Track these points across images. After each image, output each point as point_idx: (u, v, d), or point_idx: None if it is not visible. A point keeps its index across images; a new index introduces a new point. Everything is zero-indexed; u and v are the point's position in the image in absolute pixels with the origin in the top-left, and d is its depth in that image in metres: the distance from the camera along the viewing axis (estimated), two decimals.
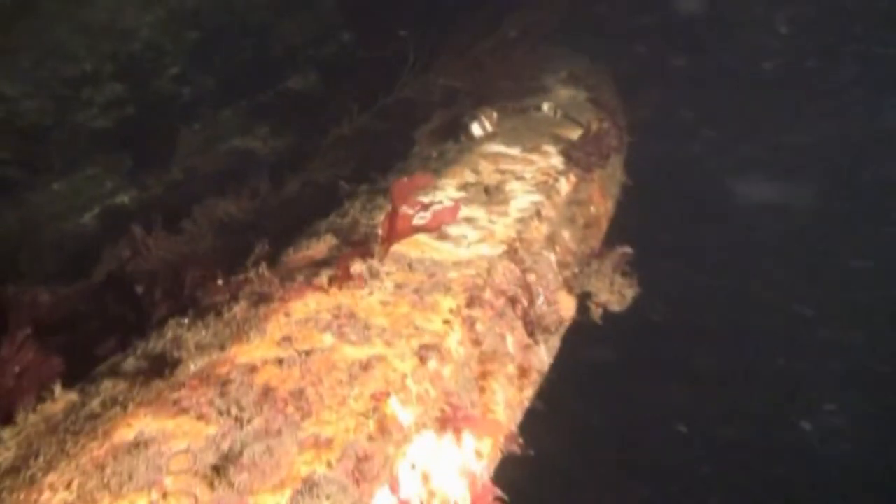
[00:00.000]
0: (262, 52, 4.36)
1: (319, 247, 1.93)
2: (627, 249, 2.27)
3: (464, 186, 2.46)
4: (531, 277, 1.89)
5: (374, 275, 1.68)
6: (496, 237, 2.06)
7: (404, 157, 2.84)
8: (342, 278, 1.63)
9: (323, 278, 1.69)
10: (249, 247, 1.71)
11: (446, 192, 2.42)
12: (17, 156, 3.89)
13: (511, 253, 1.96)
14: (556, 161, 2.76)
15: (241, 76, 4.30)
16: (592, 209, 2.67)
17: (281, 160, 3.96)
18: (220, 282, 1.58)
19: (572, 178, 2.66)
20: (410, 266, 1.79)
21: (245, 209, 3.00)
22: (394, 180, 1.74)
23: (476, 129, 2.91)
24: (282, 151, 4.04)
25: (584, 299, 2.15)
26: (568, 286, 2.10)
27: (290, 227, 2.33)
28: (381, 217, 1.84)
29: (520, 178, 2.58)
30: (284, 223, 2.71)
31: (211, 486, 1.11)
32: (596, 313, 2.15)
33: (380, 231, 1.74)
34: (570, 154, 2.74)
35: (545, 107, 3.24)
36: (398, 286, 1.70)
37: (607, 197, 2.82)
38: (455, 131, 2.93)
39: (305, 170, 3.29)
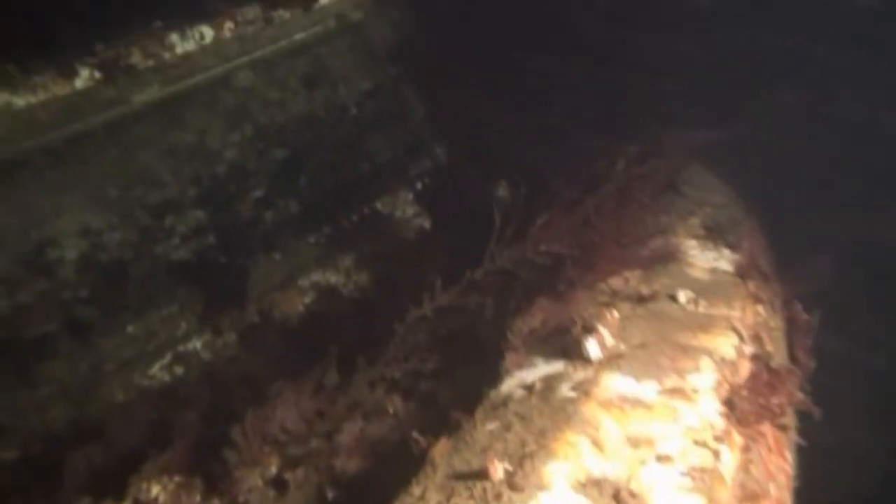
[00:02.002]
0: (349, 171, 3.89)
1: None
2: None
3: (581, 486, 1.68)
4: None
5: None
6: None
7: (496, 382, 2.14)
8: None
9: None
10: None
11: (554, 494, 1.66)
12: (96, 294, 3.71)
13: None
14: (711, 411, 1.91)
15: (325, 198, 3.86)
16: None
17: (362, 305, 3.43)
18: None
19: (737, 446, 1.80)
20: None
21: (306, 413, 2.47)
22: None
23: (593, 350, 2.15)
24: (365, 288, 3.52)
25: None
26: None
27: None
28: None
29: (663, 457, 1.78)
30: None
31: None
32: None
33: None
34: (734, 405, 1.88)
35: (682, 297, 2.40)
36: None
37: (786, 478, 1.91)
38: (564, 347, 2.18)
39: (380, 358, 2.72)
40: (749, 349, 1.88)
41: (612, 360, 2.03)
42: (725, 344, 2.04)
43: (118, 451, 2.58)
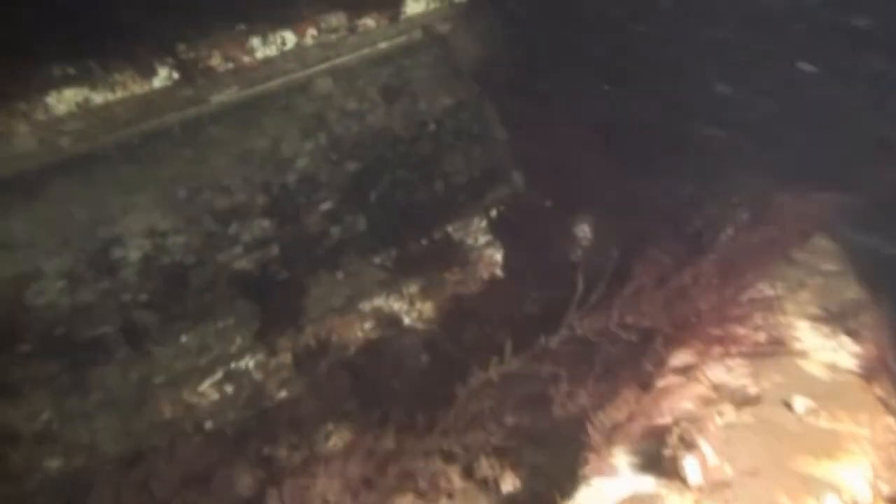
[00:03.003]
0: (422, 190, 3.66)
1: None
2: None
3: None
4: None
5: None
6: None
7: (571, 488, 1.82)
8: None
9: None
10: None
11: None
12: (156, 298, 3.61)
13: None
14: None
15: (394, 217, 3.64)
16: None
17: (425, 340, 3.19)
18: None
19: None
20: None
21: (351, 482, 2.24)
22: None
23: (692, 472, 1.81)
24: (429, 319, 3.27)
25: None
26: None
27: None
28: None
29: None
30: None
31: None
32: None
33: None
34: None
35: (798, 405, 2.02)
36: None
37: None
38: (656, 459, 1.85)
39: (439, 423, 2.46)
40: (886, 488, 1.49)
41: (717, 489, 1.68)
42: (856, 477, 1.65)
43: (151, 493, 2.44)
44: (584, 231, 3.34)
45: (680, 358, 2.15)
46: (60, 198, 3.82)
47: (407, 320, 3.35)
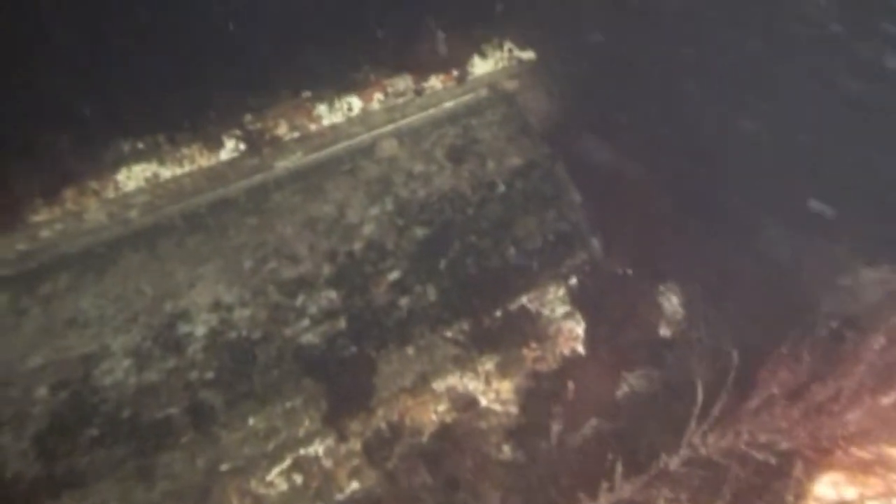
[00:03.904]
0: (494, 257, 3.45)
1: None
2: None
3: None
4: None
5: None
6: None
7: None
8: None
9: None
10: None
11: None
12: (222, 376, 3.49)
13: None
14: None
15: (466, 287, 3.43)
16: None
17: (507, 427, 2.94)
18: None
19: None
20: None
21: None
22: None
23: None
24: (507, 401, 3.03)
25: None
26: None
27: None
28: None
29: None
30: None
31: None
32: None
33: None
34: None
35: None
36: None
37: None
38: None
39: None
40: None
41: None
42: None
43: None
44: (671, 303, 3.07)
45: (828, 489, 1.83)
46: (128, 272, 3.77)
47: (483, 401, 3.11)
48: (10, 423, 3.25)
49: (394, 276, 3.61)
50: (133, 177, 3.49)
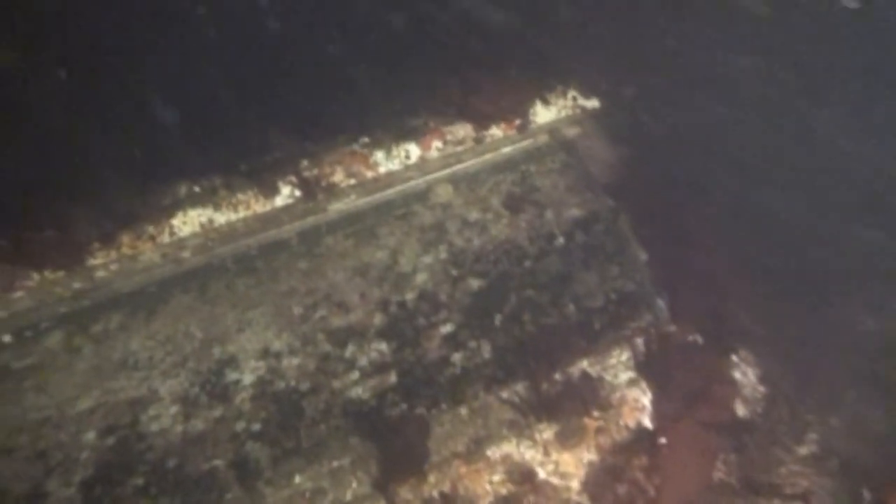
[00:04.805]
0: (552, 314, 3.30)
1: None
2: None
3: None
4: None
5: None
6: None
7: None
8: None
9: None
10: None
11: None
12: (268, 428, 3.39)
13: None
14: None
15: (523, 345, 3.28)
16: None
17: (570, 502, 2.78)
18: None
19: None
20: None
21: None
22: None
23: None
24: (567, 475, 2.86)
25: None
26: None
27: None
28: None
29: None
30: None
31: None
32: None
33: None
34: None
35: None
36: None
37: None
38: None
39: None
40: None
41: None
42: None
43: None
44: (748, 378, 2.87)
45: None
46: (178, 313, 3.73)
47: (542, 473, 2.95)
48: (59, 469, 3.21)
49: (447, 329, 3.48)
50: (188, 221, 3.46)
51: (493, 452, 2.99)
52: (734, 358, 2.90)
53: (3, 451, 3.26)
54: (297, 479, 3.11)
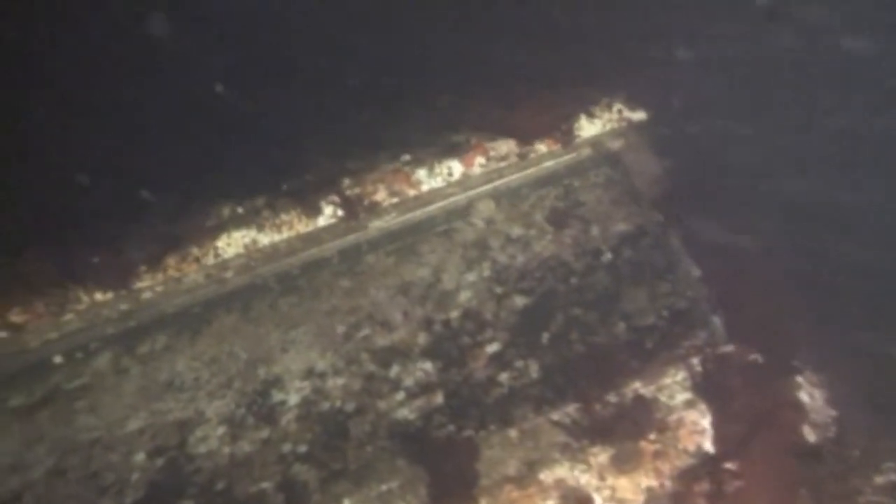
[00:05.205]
0: (602, 333, 3.22)
1: None
2: None
3: None
4: None
5: None
6: None
7: None
8: None
9: None
10: None
11: None
12: (315, 450, 3.37)
13: None
14: None
15: (572, 365, 3.21)
16: None
17: None
18: None
19: None
20: None
21: None
22: None
23: None
24: (625, 501, 2.77)
25: None
26: None
27: None
28: None
29: None
30: None
31: None
32: None
33: None
34: None
35: None
36: None
37: None
38: None
39: None
40: None
41: None
42: None
43: None
44: (815, 401, 2.75)
45: None
46: (223, 334, 3.74)
47: (599, 500, 2.86)
48: (111, 490, 3.23)
49: (493, 348, 3.42)
50: (233, 243, 3.46)
51: (546, 476, 2.92)
52: (799, 379, 2.78)
53: (57, 473, 3.29)
54: (346, 502, 3.07)
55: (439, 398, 3.36)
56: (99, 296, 3.34)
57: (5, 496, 3.23)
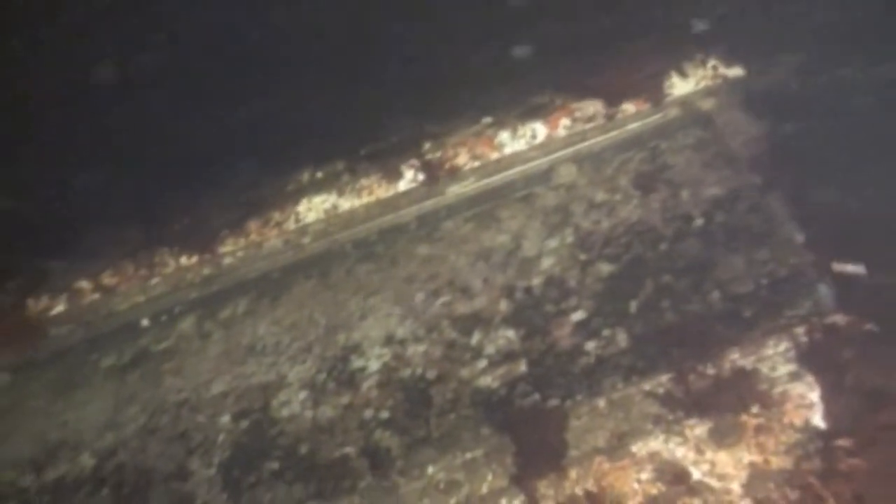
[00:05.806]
0: (694, 301, 3.06)
1: None
2: None
3: None
4: None
5: None
6: None
7: None
8: None
9: None
10: None
11: None
12: (397, 416, 3.34)
13: None
14: None
15: (663, 334, 3.07)
16: None
17: None
18: None
19: None
20: None
21: None
22: None
23: None
24: (727, 477, 2.64)
25: None
26: None
27: None
28: None
29: None
30: None
31: None
32: None
33: None
34: None
35: None
36: None
37: None
38: None
39: None
40: None
41: None
42: None
43: None
44: None
45: None
46: (302, 300, 3.73)
47: (697, 474, 2.73)
48: (199, 450, 3.28)
49: (577, 316, 3.30)
50: (313, 208, 3.43)
51: (639, 449, 2.80)
52: None
53: (148, 431, 3.36)
54: (430, 469, 3.03)
55: (522, 366, 3.27)
56: (184, 260, 3.36)
57: (102, 452, 3.32)
